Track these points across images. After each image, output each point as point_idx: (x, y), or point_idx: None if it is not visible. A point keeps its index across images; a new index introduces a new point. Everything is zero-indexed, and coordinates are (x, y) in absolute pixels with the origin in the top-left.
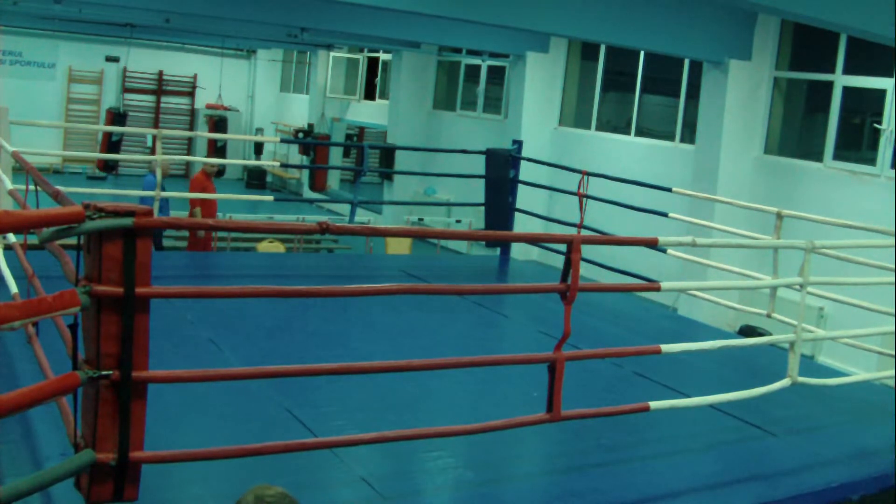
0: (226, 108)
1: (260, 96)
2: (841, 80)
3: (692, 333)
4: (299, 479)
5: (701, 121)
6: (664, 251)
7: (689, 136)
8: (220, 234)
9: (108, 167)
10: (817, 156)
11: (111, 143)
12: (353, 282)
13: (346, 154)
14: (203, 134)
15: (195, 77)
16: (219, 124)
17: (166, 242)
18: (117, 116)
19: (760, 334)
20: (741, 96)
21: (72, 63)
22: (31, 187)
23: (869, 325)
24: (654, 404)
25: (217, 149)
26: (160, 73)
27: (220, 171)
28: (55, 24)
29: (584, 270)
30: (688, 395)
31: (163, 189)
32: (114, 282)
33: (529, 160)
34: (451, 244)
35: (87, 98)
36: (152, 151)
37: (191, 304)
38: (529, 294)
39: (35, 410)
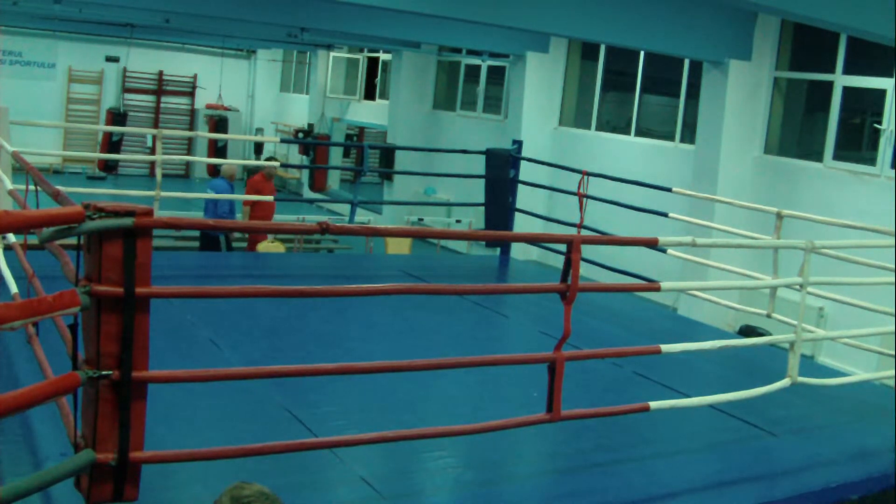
0: (226, 108)
1: (260, 96)
2: (841, 80)
3: (692, 333)
4: (299, 479)
5: (701, 121)
6: (664, 251)
7: (689, 136)
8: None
9: (109, 167)
10: (817, 156)
11: (111, 143)
12: (353, 282)
13: (346, 154)
14: (203, 134)
15: (195, 77)
16: (219, 124)
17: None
18: (117, 116)
19: (760, 334)
20: (741, 96)
21: (72, 63)
22: (31, 187)
23: (869, 325)
24: (654, 404)
25: (217, 149)
26: (160, 73)
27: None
28: (55, 24)
29: (584, 270)
30: (688, 395)
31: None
32: (114, 282)
33: (529, 160)
34: (451, 244)
35: (87, 98)
36: (152, 151)
37: (191, 304)
38: (529, 294)
39: (35, 410)
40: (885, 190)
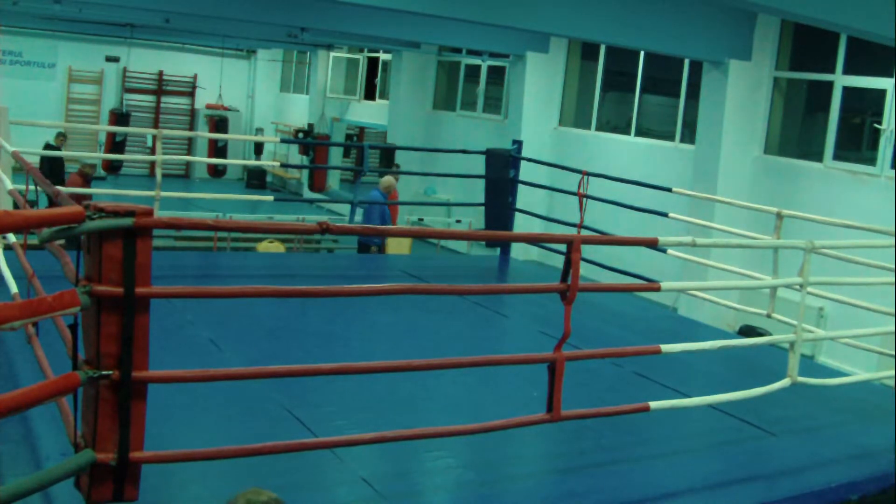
0: (226, 108)
1: (260, 96)
2: (841, 80)
3: (692, 333)
4: (299, 479)
5: (701, 121)
6: (664, 251)
7: (689, 136)
8: (221, 233)
9: (112, 168)
10: (817, 156)
11: (115, 144)
12: (353, 282)
13: (346, 154)
14: (203, 134)
15: (195, 77)
16: (219, 124)
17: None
18: (120, 117)
19: (760, 334)
20: (741, 96)
21: (72, 63)
22: (31, 187)
23: (869, 325)
24: (654, 404)
25: (217, 149)
26: (160, 73)
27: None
28: (55, 24)
29: (584, 270)
30: (688, 395)
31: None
32: (114, 282)
33: (529, 160)
34: (451, 244)
35: (87, 98)
36: (152, 151)
37: (191, 304)
38: (529, 294)
39: (35, 410)
40: (885, 190)
